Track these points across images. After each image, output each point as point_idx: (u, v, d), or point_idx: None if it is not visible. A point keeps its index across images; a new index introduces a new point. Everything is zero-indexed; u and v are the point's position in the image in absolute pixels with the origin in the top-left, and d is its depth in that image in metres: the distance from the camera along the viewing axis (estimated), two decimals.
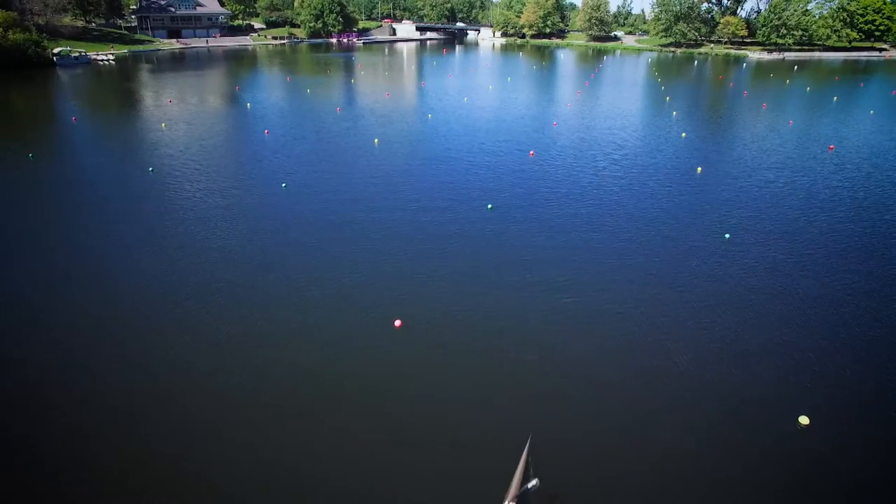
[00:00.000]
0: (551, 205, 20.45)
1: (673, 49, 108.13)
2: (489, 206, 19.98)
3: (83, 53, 75.21)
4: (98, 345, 11.81)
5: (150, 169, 24.38)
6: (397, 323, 12.40)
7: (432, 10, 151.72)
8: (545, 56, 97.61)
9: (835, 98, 48.28)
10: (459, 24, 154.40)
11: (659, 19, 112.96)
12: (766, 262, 15.76)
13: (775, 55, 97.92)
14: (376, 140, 30.22)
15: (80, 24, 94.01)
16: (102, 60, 76.87)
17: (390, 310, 12.95)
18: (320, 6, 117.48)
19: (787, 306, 13.45)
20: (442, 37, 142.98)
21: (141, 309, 13.17)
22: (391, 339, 12.04)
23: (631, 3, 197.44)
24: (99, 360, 11.29)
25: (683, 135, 32.67)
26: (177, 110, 39.43)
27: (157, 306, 13.29)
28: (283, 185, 22.24)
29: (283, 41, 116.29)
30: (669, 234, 17.82)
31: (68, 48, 74.38)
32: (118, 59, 79.99)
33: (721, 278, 14.80)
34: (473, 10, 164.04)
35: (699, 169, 25.12)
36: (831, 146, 29.77)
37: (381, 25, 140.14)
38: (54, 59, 70.20)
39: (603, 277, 14.84)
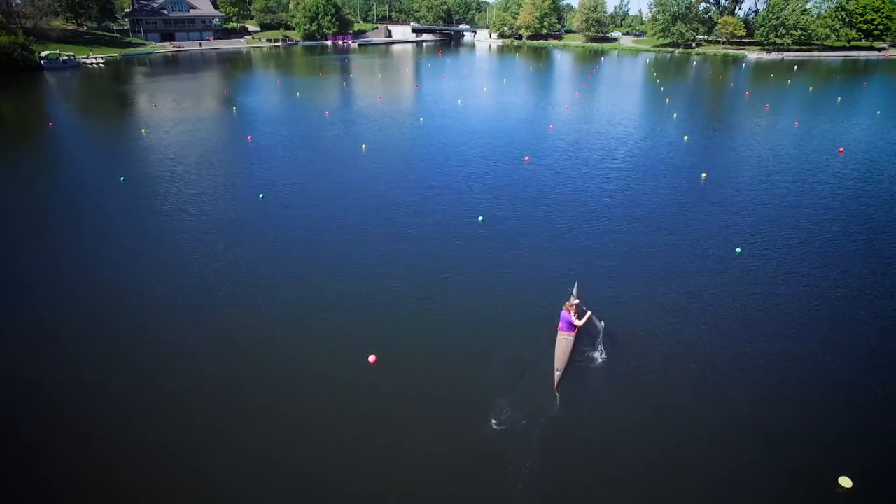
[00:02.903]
0: (546, 216, 19.08)
1: (671, 49, 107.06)
2: (480, 217, 18.58)
3: (72, 57, 73.84)
4: (56, 361, 10.44)
5: (122, 178, 22.97)
6: (371, 358, 11.00)
7: (429, 11, 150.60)
8: (542, 57, 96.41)
9: (839, 98, 47.04)
10: (456, 26, 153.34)
11: (656, 20, 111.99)
12: (784, 284, 14.30)
13: (774, 55, 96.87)
14: (364, 146, 28.85)
15: (71, 27, 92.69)
16: (92, 64, 75.51)
17: (364, 343, 11.57)
18: (315, 8, 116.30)
19: (816, 341, 11.78)
20: (438, 38, 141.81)
21: (84, 338, 11.78)
22: (365, 377, 10.65)
23: (628, 3, 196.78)
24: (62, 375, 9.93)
25: (686, 138, 31.34)
26: (160, 115, 38.06)
27: (101, 334, 11.90)
28: (261, 195, 20.84)
29: (277, 44, 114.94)
30: (674, 249, 16.44)
31: (57, 51, 73.01)
32: (109, 62, 78.62)
33: (734, 303, 13.30)
34: (470, 12, 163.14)
35: (704, 175, 23.77)
36: (841, 149, 28.45)
37: (376, 27, 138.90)
38: (41, 62, 68.84)
39: (603, 300, 13.43)
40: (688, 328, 12.23)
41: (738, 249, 16.18)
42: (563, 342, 11.16)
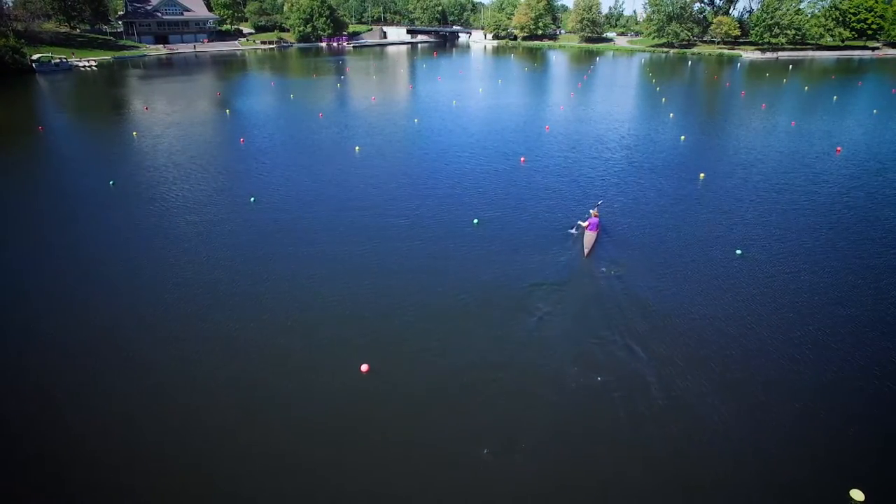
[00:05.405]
0: (542, 218, 18.77)
1: (666, 50, 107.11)
2: (475, 220, 18.26)
3: (64, 60, 73.18)
4: (51, 363, 10.07)
5: (112, 182, 22.55)
6: (364, 367, 10.66)
7: (423, 13, 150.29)
8: (537, 58, 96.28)
9: (834, 97, 47.01)
10: (451, 27, 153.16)
11: (651, 20, 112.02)
12: (789, 287, 13.99)
13: (769, 55, 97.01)
14: (357, 148, 28.50)
15: (63, 30, 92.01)
16: (84, 66, 74.87)
17: (356, 351, 11.22)
18: (310, 10, 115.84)
19: (824, 347, 11.44)
20: (433, 40, 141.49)
21: (75, 340, 11.41)
22: (357, 386, 10.31)
23: (623, 4, 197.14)
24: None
25: (682, 138, 31.13)
26: (152, 118, 37.59)
27: (91, 337, 11.52)
28: (252, 199, 20.47)
29: (271, 45, 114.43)
30: (674, 252, 16.16)
31: (49, 54, 72.36)
32: (102, 64, 77.98)
33: (738, 307, 13.00)
34: (465, 13, 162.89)
35: (702, 175, 23.52)
36: (839, 148, 28.28)
37: (371, 29, 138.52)
38: (33, 65, 68.17)
39: (602, 307, 13.13)
40: (690, 333, 11.93)
41: (739, 251, 15.90)
42: (589, 235, 15.60)
